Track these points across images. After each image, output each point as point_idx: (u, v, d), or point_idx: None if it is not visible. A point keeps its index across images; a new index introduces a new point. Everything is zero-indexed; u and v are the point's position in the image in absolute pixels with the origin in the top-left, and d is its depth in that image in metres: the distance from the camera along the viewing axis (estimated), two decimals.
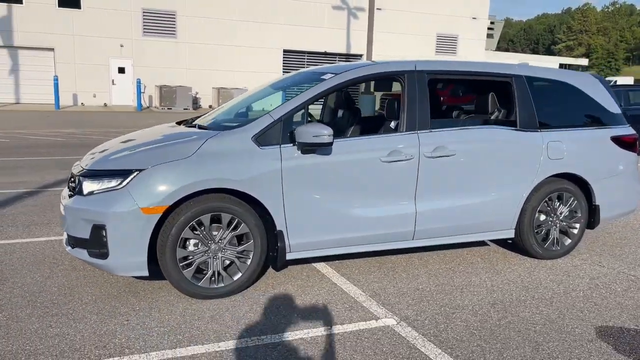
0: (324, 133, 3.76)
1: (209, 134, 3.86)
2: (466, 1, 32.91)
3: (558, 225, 4.88)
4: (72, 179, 3.95)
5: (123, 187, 3.57)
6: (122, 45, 26.02)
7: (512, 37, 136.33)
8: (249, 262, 3.87)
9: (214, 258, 3.79)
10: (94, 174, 3.71)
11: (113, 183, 3.61)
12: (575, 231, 4.95)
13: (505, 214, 4.62)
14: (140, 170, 3.60)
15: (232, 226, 3.79)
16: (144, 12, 26.25)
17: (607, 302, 3.95)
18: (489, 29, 42.42)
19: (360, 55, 30.91)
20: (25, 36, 24.76)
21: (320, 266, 4.56)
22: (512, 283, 4.29)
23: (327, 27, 29.81)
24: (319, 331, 3.36)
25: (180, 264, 3.69)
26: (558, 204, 4.86)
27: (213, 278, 3.81)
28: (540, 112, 4.77)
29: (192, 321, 3.46)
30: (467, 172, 4.41)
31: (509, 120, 4.73)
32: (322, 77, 4.30)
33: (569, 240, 4.94)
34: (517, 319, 3.62)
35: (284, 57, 29.30)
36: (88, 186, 3.68)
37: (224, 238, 3.79)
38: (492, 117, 4.85)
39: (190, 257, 3.73)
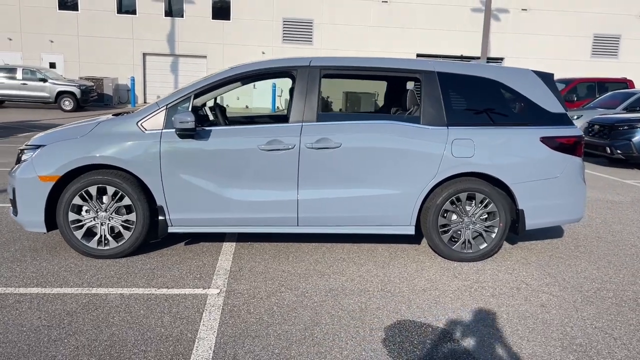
0: (188, 120, 4.22)
1: (105, 119, 4.56)
2: None
3: (471, 227, 4.66)
4: None
5: (30, 159, 4.43)
6: (263, 52, 28.30)
7: None
8: (132, 230, 4.48)
9: (102, 224, 4.48)
10: (27, 149, 4.63)
11: (28, 155, 4.50)
12: (493, 235, 4.67)
13: (400, 209, 4.58)
14: (43, 146, 4.43)
15: (117, 198, 4.43)
16: (284, 21, 28.25)
17: (451, 303, 3.79)
18: None
19: (502, 59, 29.48)
20: (184, 45, 28.28)
21: (227, 244, 4.99)
22: (381, 277, 4.28)
23: (464, 30, 28.98)
24: (143, 290, 3.85)
25: (72, 226, 4.44)
26: (471, 204, 4.65)
27: (101, 241, 4.49)
28: (453, 108, 4.62)
29: (61, 272, 4.18)
30: (354, 164, 4.49)
31: (413, 115, 4.67)
32: (220, 71, 4.74)
33: (485, 244, 4.68)
34: (327, 304, 3.70)
35: None
36: (22, 158, 4.61)
37: (110, 208, 4.45)
38: (393, 112, 4.82)
39: (82, 221, 4.46)
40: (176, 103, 4.49)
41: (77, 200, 4.40)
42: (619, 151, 10.64)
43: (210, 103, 6.12)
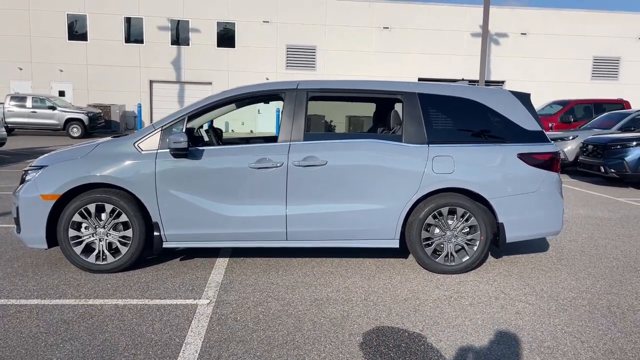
0: (181, 140, 4.49)
1: (104, 140, 4.84)
2: (630, 19, 29.87)
3: (453, 240, 4.85)
4: None
5: (33, 179, 4.70)
6: (267, 79, 28.85)
7: None
8: (128, 245, 4.71)
9: (100, 240, 4.71)
10: (30, 169, 4.89)
11: (32, 175, 4.76)
12: (475, 248, 4.85)
13: (384, 223, 4.78)
14: (45, 167, 4.70)
15: (114, 215, 4.67)
16: (287, 48, 28.87)
17: (429, 311, 3.97)
18: None
19: (502, 82, 29.85)
20: (190, 72, 28.90)
21: (221, 259, 5.20)
22: (365, 288, 4.47)
23: (464, 55, 29.46)
24: (137, 301, 4.06)
25: (72, 242, 4.67)
26: (453, 218, 4.85)
27: (99, 256, 4.72)
28: (434, 127, 4.85)
29: (60, 285, 4.40)
30: (339, 181, 4.71)
31: (396, 134, 4.91)
32: (213, 94, 5.02)
33: (467, 257, 4.86)
34: (310, 312, 3.89)
35: None
36: (26, 178, 4.88)
37: (108, 224, 4.69)
38: (380, 131, 5.06)
39: (81, 237, 4.69)
40: (171, 125, 4.76)
41: (76, 218, 4.64)
42: (612, 170, 10.81)
43: (206, 126, 6.40)
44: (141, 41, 28.72)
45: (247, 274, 4.79)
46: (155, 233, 4.72)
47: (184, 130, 4.75)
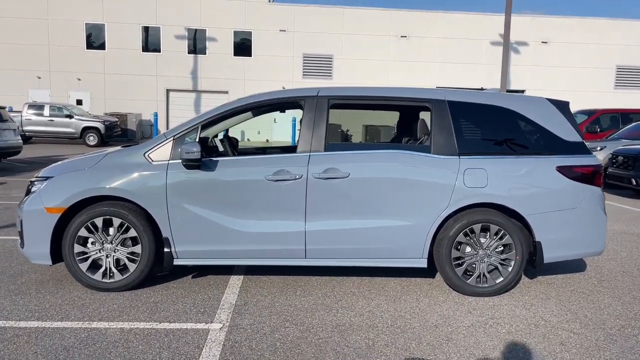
0: (193, 150, 4.19)
1: (113, 150, 4.56)
2: None
3: (486, 260, 4.48)
4: None
5: (38, 190, 4.43)
6: (284, 87, 28.65)
7: None
8: (137, 262, 4.40)
9: (107, 256, 4.42)
10: (36, 180, 4.63)
11: (37, 187, 4.49)
12: (509, 269, 4.47)
13: (411, 241, 4.42)
14: (50, 178, 4.43)
15: (122, 229, 4.38)
16: (304, 57, 28.69)
17: (463, 339, 3.59)
18: None
19: (522, 91, 29.32)
20: (206, 81, 28.83)
21: (235, 277, 4.88)
22: (391, 312, 4.11)
23: (484, 63, 29.01)
24: (145, 324, 3.74)
25: (78, 258, 4.38)
26: (485, 236, 4.47)
27: (106, 273, 4.42)
28: (465, 137, 4.50)
29: (63, 305, 4.10)
30: (363, 195, 4.37)
31: (423, 145, 4.56)
32: (229, 102, 4.72)
33: (501, 278, 4.47)
34: (332, 340, 3.54)
35: None
36: (32, 190, 4.61)
37: (116, 239, 4.40)
38: (405, 142, 4.72)
39: (87, 253, 4.40)
40: (183, 134, 4.47)
41: (83, 232, 4.36)
42: None
43: (221, 135, 6.11)
44: (158, 50, 28.76)
45: (263, 294, 4.46)
46: (166, 249, 4.42)
47: (197, 140, 4.46)
